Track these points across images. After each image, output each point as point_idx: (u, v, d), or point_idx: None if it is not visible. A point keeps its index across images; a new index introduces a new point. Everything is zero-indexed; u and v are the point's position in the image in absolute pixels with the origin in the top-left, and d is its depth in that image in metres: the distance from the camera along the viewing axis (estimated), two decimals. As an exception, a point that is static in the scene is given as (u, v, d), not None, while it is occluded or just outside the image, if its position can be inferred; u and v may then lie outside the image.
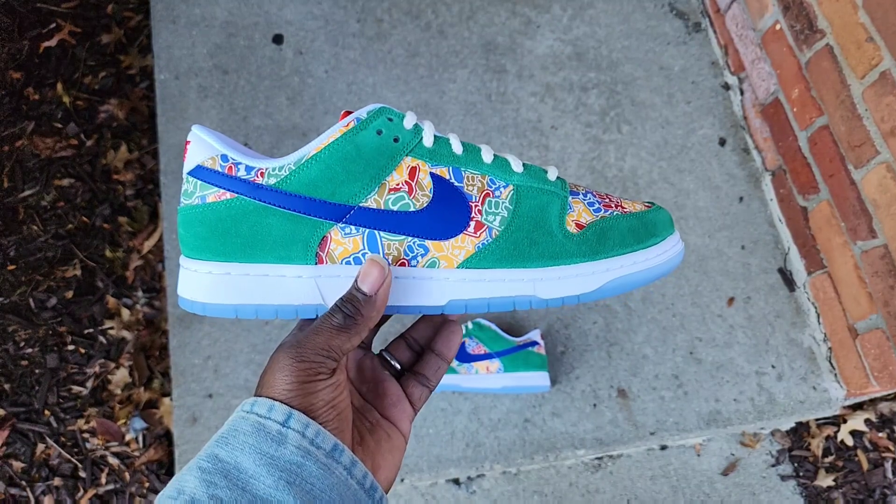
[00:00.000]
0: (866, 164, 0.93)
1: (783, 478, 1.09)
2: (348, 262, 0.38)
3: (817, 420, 1.13)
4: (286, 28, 1.25)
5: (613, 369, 1.05)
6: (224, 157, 0.37)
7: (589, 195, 0.42)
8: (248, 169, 0.37)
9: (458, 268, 0.39)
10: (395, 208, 0.38)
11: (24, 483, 1.09)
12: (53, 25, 1.35)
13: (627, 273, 0.40)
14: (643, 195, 1.15)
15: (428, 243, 0.38)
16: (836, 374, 1.05)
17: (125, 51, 1.35)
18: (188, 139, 0.39)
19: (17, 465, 1.10)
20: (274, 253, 0.38)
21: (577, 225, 0.40)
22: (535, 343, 1.00)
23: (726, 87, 1.24)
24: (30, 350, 1.16)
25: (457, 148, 0.40)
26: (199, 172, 0.37)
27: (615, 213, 0.41)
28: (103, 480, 1.10)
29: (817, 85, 1.00)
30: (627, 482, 1.06)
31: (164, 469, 1.11)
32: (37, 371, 1.15)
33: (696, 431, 1.03)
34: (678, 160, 1.18)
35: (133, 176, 1.25)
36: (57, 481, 1.10)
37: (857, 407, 1.13)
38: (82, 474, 1.10)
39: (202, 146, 0.38)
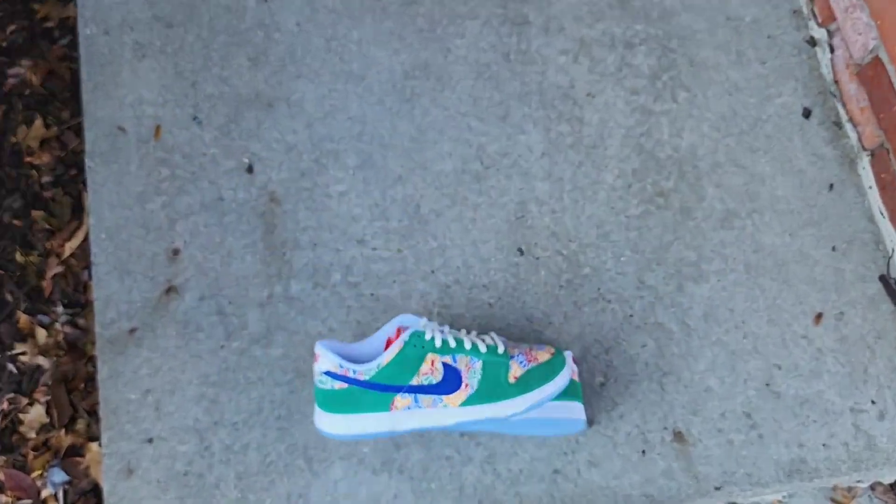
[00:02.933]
0: None
1: (887, 544, 1.04)
2: (405, 409, 0.86)
3: (928, 470, 1.06)
4: (247, -32, 1.17)
5: (668, 406, 0.98)
6: (341, 366, 0.85)
7: (520, 356, 0.88)
8: (354, 371, 0.85)
9: (458, 407, 0.86)
10: (425, 383, 0.86)
11: None
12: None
13: (541, 398, 0.86)
14: (704, 181, 1.08)
15: (443, 397, 0.87)
16: (957, 414, 0.98)
17: (42, -1, 1.27)
18: (316, 352, 0.85)
19: None
20: (369, 409, 0.87)
21: (514, 377, 0.87)
22: (566, 366, 1.07)
23: (812, 42, 1.16)
24: (-84, 382, 1.09)
25: (452, 343, 0.88)
26: (330, 374, 0.85)
27: (533, 365, 0.88)
28: (11, 552, 1.03)
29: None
30: (688, 552, 0.99)
31: (91, 537, 1.04)
32: (-75, 409, 1.08)
33: (775, 485, 0.95)
34: (750, 137, 1.11)
35: (51, 158, 1.19)
36: (-49, 553, 1.03)
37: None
38: (-16, 544, 1.03)
39: (328, 358, 0.84)
